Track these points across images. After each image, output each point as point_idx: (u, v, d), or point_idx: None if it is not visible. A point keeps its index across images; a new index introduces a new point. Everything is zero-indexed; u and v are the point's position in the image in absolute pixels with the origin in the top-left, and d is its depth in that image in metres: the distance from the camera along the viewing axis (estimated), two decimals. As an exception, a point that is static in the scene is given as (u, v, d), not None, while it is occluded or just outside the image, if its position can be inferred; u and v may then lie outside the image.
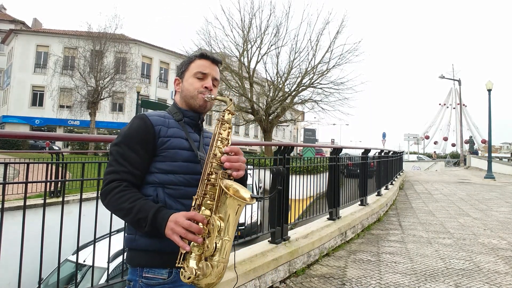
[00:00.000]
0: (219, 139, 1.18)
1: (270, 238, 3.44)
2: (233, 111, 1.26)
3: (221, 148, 1.17)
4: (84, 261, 4.77)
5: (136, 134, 1.21)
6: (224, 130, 1.20)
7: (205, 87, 1.32)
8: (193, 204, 1.12)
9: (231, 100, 1.25)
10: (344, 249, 4.43)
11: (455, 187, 12.43)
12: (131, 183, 1.17)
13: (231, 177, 1.14)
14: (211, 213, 1.09)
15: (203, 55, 1.37)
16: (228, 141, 1.19)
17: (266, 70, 21.40)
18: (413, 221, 6.27)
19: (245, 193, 1.10)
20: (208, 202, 1.11)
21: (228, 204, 1.08)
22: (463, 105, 44.17)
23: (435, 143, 52.58)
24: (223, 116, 1.23)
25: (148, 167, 1.22)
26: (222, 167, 1.14)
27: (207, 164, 1.15)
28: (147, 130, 1.21)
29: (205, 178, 1.13)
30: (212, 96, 1.30)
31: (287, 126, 32.22)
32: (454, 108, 50.12)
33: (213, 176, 1.13)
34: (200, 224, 1.06)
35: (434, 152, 43.54)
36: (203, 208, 1.11)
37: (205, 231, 1.06)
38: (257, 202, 1.17)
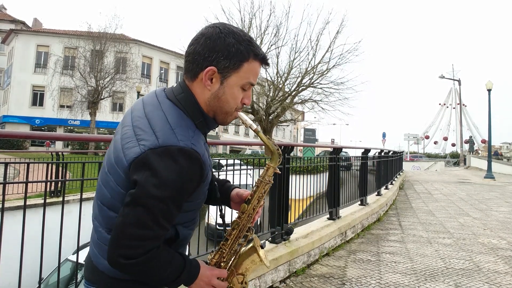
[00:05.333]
0: (258, 199, 1.08)
1: (270, 238, 3.44)
2: (278, 170, 1.11)
3: (256, 207, 1.09)
4: (84, 261, 4.77)
5: (189, 186, 0.90)
6: (265, 191, 1.09)
7: (243, 104, 1.04)
8: (216, 258, 1.07)
9: (280, 155, 1.08)
10: (344, 249, 4.43)
11: (455, 187, 12.43)
12: None
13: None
14: (233, 269, 1.09)
15: (264, 60, 1.01)
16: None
17: (266, 70, 21.41)
18: (413, 221, 6.27)
19: (265, 259, 1.12)
20: (231, 259, 1.09)
21: (252, 264, 1.10)
22: (463, 105, 44.22)
23: (435, 143, 52.63)
24: (267, 176, 1.08)
25: None
26: (249, 224, 1.09)
27: (242, 224, 1.08)
28: (201, 178, 0.94)
29: (237, 236, 1.08)
30: (254, 126, 1.08)
31: (287, 126, 32.22)
32: (454, 108, 50.20)
33: (243, 239, 1.10)
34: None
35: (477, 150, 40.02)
36: (222, 264, 1.08)
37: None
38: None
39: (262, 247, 1.12)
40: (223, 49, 0.93)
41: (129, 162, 0.88)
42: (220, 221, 1.23)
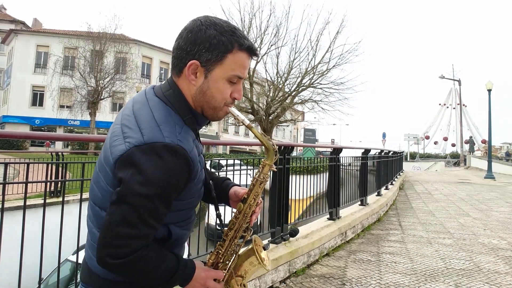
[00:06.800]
0: (254, 198, 1.05)
1: (270, 238, 3.44)
2: (275, 167, 1.07)
3: (253, 207, 1.06)
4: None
5: (176, 183, 0.87)
6: (261, 189, 1.06)
7: (234, 99, 0.99)
8: (212, 259, 1.05)
9: (276, 152, 1.03)
10: (344, 249, 4.43)
11: (455, 187, 12.43)
12: None
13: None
14: (232, 271, 1.08)
15: (251, 50, 0.95)
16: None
17: (266, 70, 21.50)
18: (413, 221, 6.27)
19: (267, 261, 1.10)
20: (229, 260, 1.07)
21: (251, 266, 1.08)
22: (463, 105, 44.21)
23: (435, 143, 52.60)
24: (262, 174, 1.04)
25: None
26: (247, 224, 1.07)
27: (239, 224, 1.05)
28: (189, 176, 0.90)
29: (234, 236, 1.05)
30: (246, 122, 1.02)
31: (287, 126, 32.25)
32: (454, 108, 50.14)
33: (241, 240, 1.07)
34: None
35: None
36: (220, 265, 1.06)
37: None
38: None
39: (264, 248, 1.11)
40: (204, 42, 0.90)
41: (114, 160, 0.86)
42: (219, 220, 1.22)
